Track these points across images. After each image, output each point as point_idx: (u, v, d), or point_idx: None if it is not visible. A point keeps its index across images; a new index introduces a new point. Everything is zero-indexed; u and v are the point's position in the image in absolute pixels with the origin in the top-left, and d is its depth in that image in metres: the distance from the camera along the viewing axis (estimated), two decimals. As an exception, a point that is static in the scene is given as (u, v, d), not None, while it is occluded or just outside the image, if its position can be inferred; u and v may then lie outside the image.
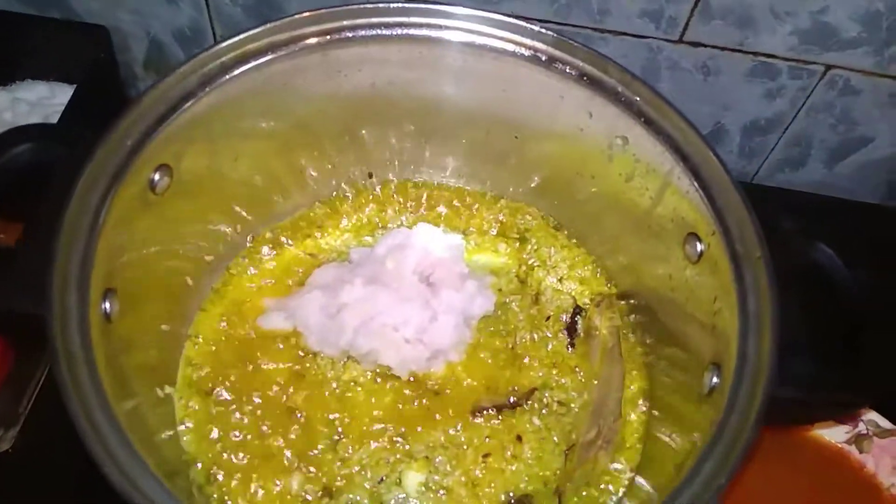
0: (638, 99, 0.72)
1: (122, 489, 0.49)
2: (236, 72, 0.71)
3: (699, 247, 0.69)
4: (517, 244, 0.88)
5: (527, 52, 0.75)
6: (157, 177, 0.67)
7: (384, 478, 0.72)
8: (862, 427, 0.87)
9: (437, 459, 0.73)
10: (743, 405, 0.57)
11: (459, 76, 0.79)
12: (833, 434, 0.88)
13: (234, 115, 0.73)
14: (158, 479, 0.52)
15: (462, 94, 0.82)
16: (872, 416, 0.87)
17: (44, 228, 0.60)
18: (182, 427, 0.73)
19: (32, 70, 1.12)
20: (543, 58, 0.75)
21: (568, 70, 0.74)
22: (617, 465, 0.75)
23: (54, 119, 1.06)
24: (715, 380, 0.63)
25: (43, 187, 0.65)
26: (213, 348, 0.78)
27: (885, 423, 0.86)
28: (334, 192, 0.90)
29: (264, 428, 0.74)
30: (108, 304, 0.60)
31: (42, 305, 0.54)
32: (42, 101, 1.13)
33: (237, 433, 0.74)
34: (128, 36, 1.18)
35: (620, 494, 0.73)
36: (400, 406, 0.76)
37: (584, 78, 0.74)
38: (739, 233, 0.65)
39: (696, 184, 0.68)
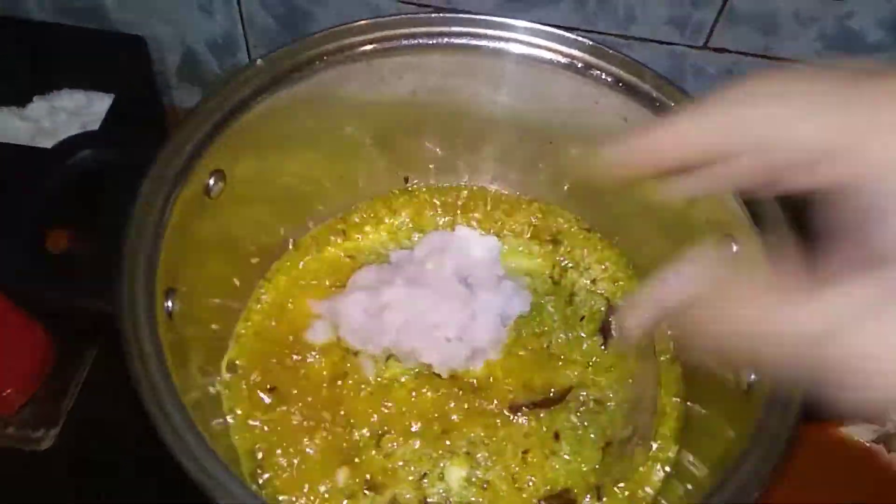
0: (673, 104, 0.74)
1: (199, 479, 0.52)
2: (285, 82, 0.73)
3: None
4: (550, 246, 0.91)
5: (563, 60, 0.77)
6: (212, 182, 0.70)
7: (427, 473, 0.74)
8: (890, 426, 0.89)
9: (479, 455, 0.76)
10: (782, 401, 0.59)
11: (496, 84, 0.82)
12: (861, 433, 0.90)
13: (282, 123, 0.76)
14: (228, 469, 0.54)
15: (498, 101, 0.84)
16: (901, 414, 0.88)
17: (101, 230, 0.63)
18: (230, 421, 0.76)
19: (70, 79, 1.15)
20: (580, 65, 0.77)
21: (603, 76, 0.77)
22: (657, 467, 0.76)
23: (92, 127, 1.10)
24: (752, 377, 0.65)
25: (96, 192, 0.68)
26: (258, 346, 0.81)
27: (914, 421, 0.88)
28: (372, 197, 0.92)
29: (308, 423, 0.76)
30: (170, 303, 0.63)
31: (106, 301, 0.57)
32: (80, 109, 1.16)
33: (282, 429, 0.76)
34: (163, 45, 1.21)
35: (656, 491, 0.75)
36: (441, 403, 0.78)
37: (620, 84, 0.76)
38: (773, 235, 0.67)
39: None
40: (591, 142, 0.83)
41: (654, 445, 0.77)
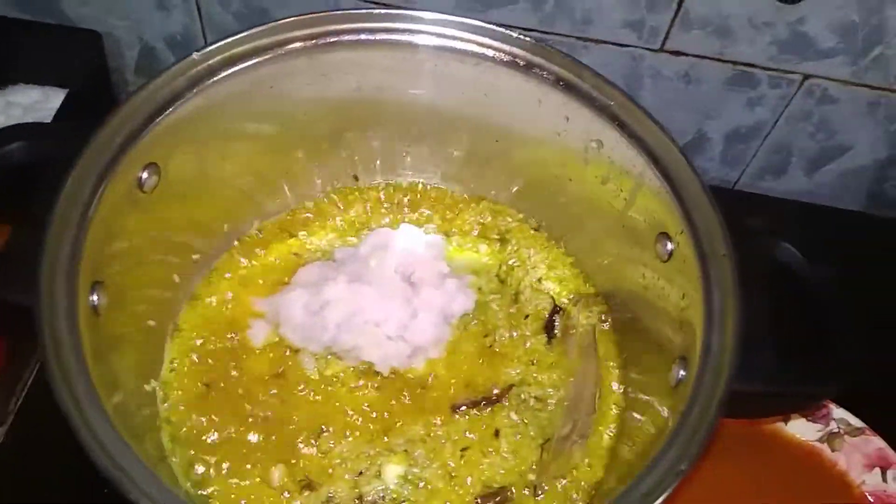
0: (612, 103, 0.75)
1: (111, 474, 0.51)
2: (223, 74, 0.73)
3: (669, 246, 0.71)
4: (498, 245, 0.90)
5: (505, 58, 0.77)
6: (145, 175, 0.70)
7: (364, 471, 0.74)
8: (833, 426, 0.89)
9: (417, 453, 0.75)
10: (705, 396, 0.59)
11: (441, 81, 0.82)
12: (805, 432, 0.90)
13: (221, 116, 0.76)
14: (146, 466, 0.53)
15: (444, 99, 0.84)
16: (843, 414, 0.89)
17: (35, 223, 0.62)
18: (163, 421, 0.75)
19: (26, 74, 1.14)
20: (522, 63, 0.77)
21: (545, 75, 0.77)
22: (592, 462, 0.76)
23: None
24: (682, 373, 0.65)
25: (34, 185, 0.67)
26: (198, 343, 0.80)
27: (855, 422, 0.88)
28: (320, 194, 0.92)
29: (245, 422, 0.76)
30: (96, 297, 0.62)
31: (32, 296, 0.56)
32: (35, 105, 1.15)
33: (218, 427, 0.75)
34: (120, 42, 1.20)
35: (592, 488, 0.75)
36: (381, 401, 0.78)
37: (561, 83, 0.76)
38: (706, 231, 0.67)
39: (666, 185, 0.70)
40: (536, 142, 0.84)
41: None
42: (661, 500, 0.54)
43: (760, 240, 0.69)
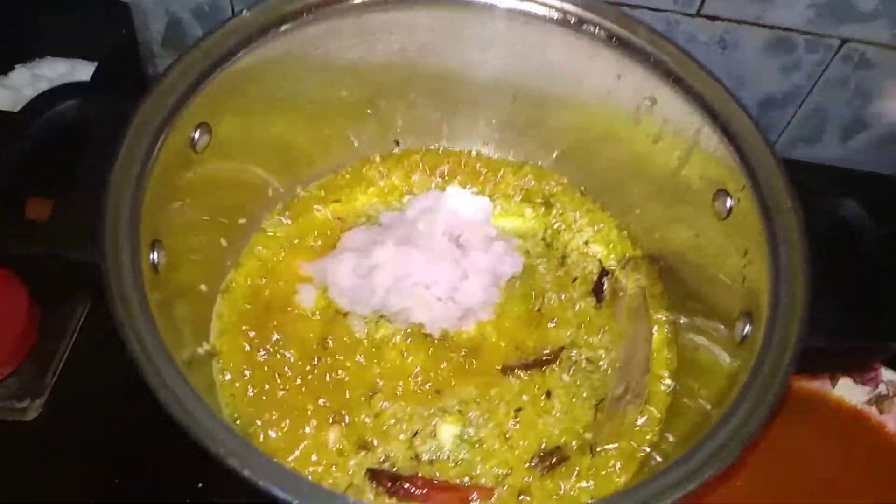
0: (667, 59, 0.73)
1: (195, 433, 0.51)
2: (273, 33, 0.72)
3: (728, 203, 0.71)
4: (543, 209, 0.90)
5: (556, 15, 0.76)
6: (197, 135, 0.69)
7: (419, 431, 0.74)
8: (882, 388, 0.89)
9: (471, 413, 0.75)
10: (776, 351, 0.59)
11: (487, 41, 0.81)
12: (853, 395, 0.90)
13: (269, 77, 0.75)
14: (221, 420, 0.53)
15: (489, 60, 0.83)
16: (892, 376, 0.88)
17: (86, 182, 0.62)
18: (219, 381, 0.75)
19: (53, 47, 1.12)
20: (572, 20, 0.76)
21: (597, 31, 0.76)
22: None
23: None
24: (748, 328, 0.64)
25: (78, 157, 0.66)
26: (248, 307, 0.79)
27: (905, 383, 0.88)
28: (363, 159, 0.91)
29: (299, 384, 0.75)
30: (155, 255, 0.62)
31: (92, 252, 0.55)
32: (63, 77, 1.13)
33: (272, 389, 0.75)
34: (147, 13, 1.18)
35: (648, 447, 0.75)
36: (432, 362, 0.77)
37: (613, 39, 0.75)
38: (769, 186, 0.66)
39: (725, 140, 0.69)
40: (584, 102, 0.83)
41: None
42: (737, 453, 0.53)
43: (822, 197, 0.68)
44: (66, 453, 0.81)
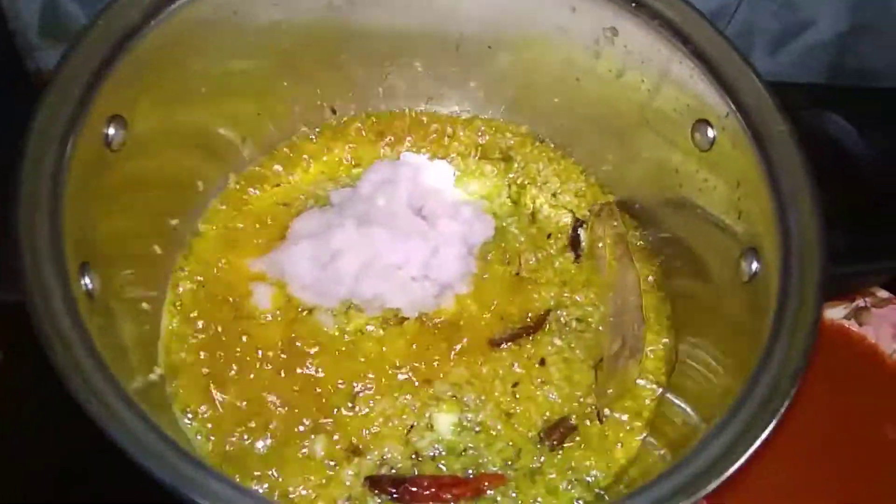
0: (624, -12, 0.67)
1: (162, 477, 0.42)
2: (179, 2, 0.61)
3: (711, 132, 0.66)
4: (502, 164, 0.83)
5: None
6: (111, 131, 0.59)
7: (413, 425, 0.67)
8: (860, 300, 0.88)
9: (466, 397, 0.69)
10: (798, 282, 0.55)
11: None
12: (831, 311, 0.88)
13: (182, 52, 0.65)
14: (200, 463, 0.44)
15: (428, 7, 0.75)
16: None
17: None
18: (180, 409, 0.66)
19: None
20: (518, -49, 0.68)
21: (546, -39, 0.68)
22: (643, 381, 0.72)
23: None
24: (755, 265, 0.60)
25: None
26: (199, 320, 0.70)
27: (882, 293, 0.87)
28: (297, 134, 0.81)
29: (272, 398, 0.67)
30: (87, 280, 0.52)
31: (16, 289, 0.45)
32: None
33: (243, 408, 0.67)
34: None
35: (654, 404, 0.71)
36: (415, 348, 0.71)
37: (567, -32, 0.68)
38: (757, 110, 0.62)
39: (701, 67, 0.64)
40: (535, 41, 0.76)
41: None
42: (786, 403, 0.49)
43: (806, 113, 0.64)
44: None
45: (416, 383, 0.69)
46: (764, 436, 0.48)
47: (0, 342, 0.76)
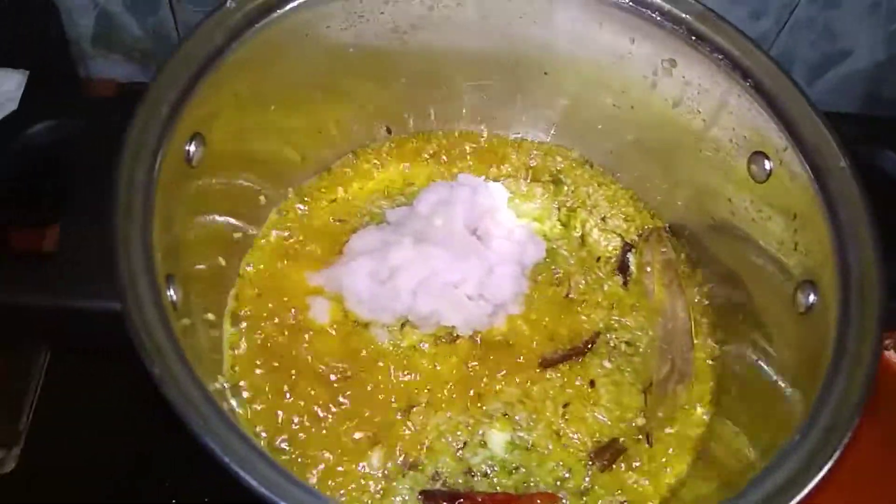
0: (686, 16, 0.69)
1: (246, 478, 0.44)
2: (260, 24, 0.64)
3: (767, 165, 0.67)
4: (552, 187, 0.85)
5: (563, -22, 0.70)
6: (192, 148, 0.61)
7: (467, 442, 0.69)
8: (900, 330, 0.88)
9: (518, 416, 0.71)
10: (857, 315, 0.56)
11: (486, 12, 0.75)
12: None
13: (258, 71, 0.67)
14: (275, 463, 0.46)
15: (487, 31, 0.77)
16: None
17: (80, 216, 0.53)
18: (243, 419, 0.68)
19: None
20: (582, -18, 0.71)
21: (608, -7, 0.70)
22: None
23: (8, 108, 0.95)
24: (812, 297, 0.61)
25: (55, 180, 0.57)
26: (259, 333, 0.72)
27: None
28: (354, 151, 0.84)
29: (330, 409, 0.69)
30: (172, 292, 0.54)
31: (112, 299, 0.47)
32: (-16, 90, 1.01)
33: (303, 421, 0.68)
34: (72, 9, 1.06)
35: (703, 428, 0.72)
36: (468, 366, 0.72)
37: (627, 1, 0.70)
38: (815, 144, 0.63)
39: (760, 99, 0.66)
40: (592, 70, 0.78)
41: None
42: (848, 435, 0.50)
43: (860, 149, 0.66)
44: (50, 500, 0.75)
45: (469, 400, 0.71)
46: (825, 469, 0.49)
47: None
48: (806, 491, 0.48)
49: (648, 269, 0.79)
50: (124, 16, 1.07)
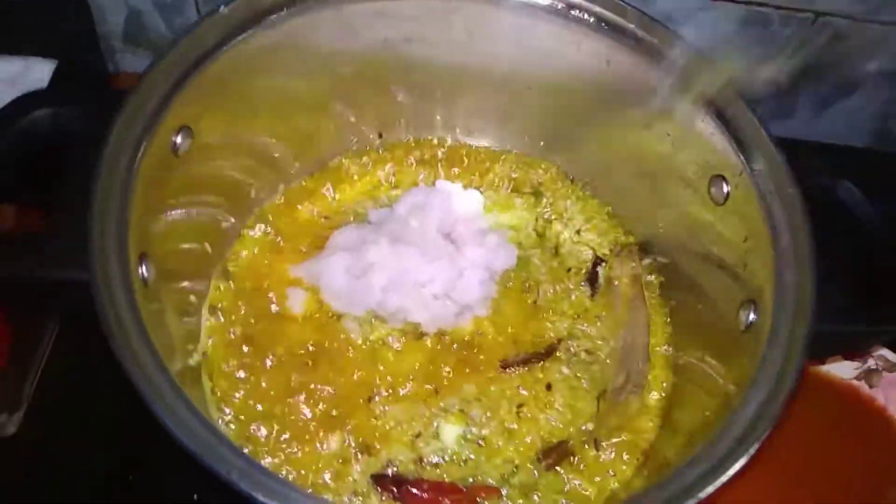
0: (657, 42, 0.72)
1: (199, 454, 0.49)
2: (252, 30, 0.69)
3: (725, 188, 0.70)
4: (532, 198, 0.88)
5: (544, 2, 0.74)
6: (179, 139, 0.66)
7: (421, 432, 0.72)
8: (871, 362, 0.90)
9: (473, 412, 0.74)
10: (785, 337, 0.58)
11: (472, 29, 0.79)
12: (842, 370, 0.90)
13: (248, 75, 0.72)
14: (226, 439, 0.51)
15: (475, 48, 0.81)
16: (882, 351, 0.89)
17: (67, 196, 0.58)
18: (209, 393, 0.72)
19: (6, 45, 1.06)
20: (560, 6, 0.74)
21: (586, 17, 0.74)
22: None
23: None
24: (752, 316, 0.64)
25: (46, 162, 0.63)
26: (237, 315, 0.77)
27: (894, 358, 0.89)
28: (345, 154, 0.88)
29: (295, 391, 0.73)
30: (144, 269, 0.59)
31: (68, 270, 0.53)
32: (17, 77, 1.07)
33: (268, 399, 0.73)
34: (104, 7, 1.13)
35: (651, 437, 0.75)
36: (430, 362, 0.76)
37: (603, 24, 0.74)
38: (768, 171, 0.66)
39: (721, 125, 0.68)
40: (571, 89, 0.82)
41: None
42: (756, 446, 0.53)
43: (819, 179, 0.68)
44: (48, 467, 0.79)
45: (428, 394, 0.74)
46: (728, 474, 0.52)
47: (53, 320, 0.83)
48: (709, 490, 0.51)
49: (616, 283, 0.82)
50: (153, 15, 1.14)
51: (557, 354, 0.78)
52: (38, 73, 1.05)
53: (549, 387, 0.77)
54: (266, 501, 0.49)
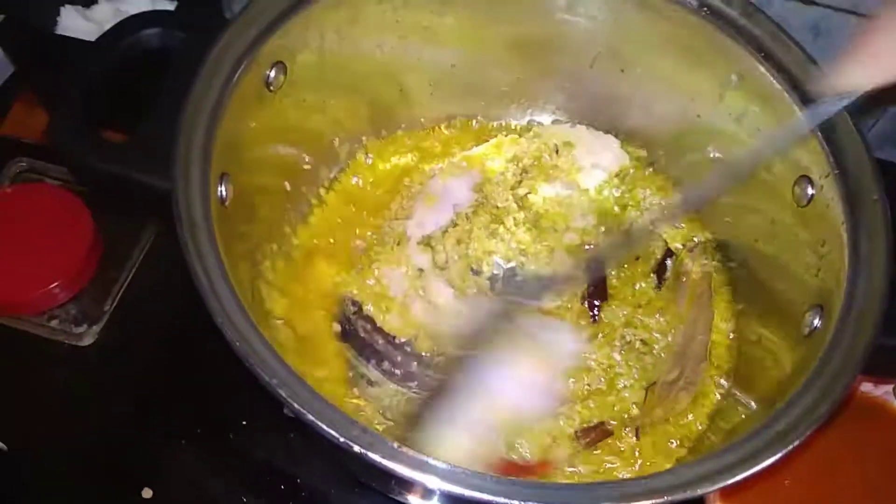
0: (759, 33, 0.70)
1: (241, 350, 0.51)
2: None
3: (810, 190, 0.67)
4: (616, 180, 0.87)
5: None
6: (272, 73, 0.69)
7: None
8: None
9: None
10: (846, 346, 0.56)
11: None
12: (868, 385, 0.85)
13: (348, 19, 0.74)
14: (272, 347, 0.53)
15: (570, 22, 0.80)
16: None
17: (164, 110, 0.62)
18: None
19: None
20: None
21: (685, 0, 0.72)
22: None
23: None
24: (817, 322, 0.62)
25: (165, 71, 0.66)
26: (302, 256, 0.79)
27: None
28: (434, 119, 0.89)
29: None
30: (223, 188, 0.62)
31: (164, 179, 0.56)
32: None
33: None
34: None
35: (695, 435, 0.73)
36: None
37: (704, 9, 0.72)
38: (856, 175, 0.63)
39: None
40: (664, 72, 0.80)
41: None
42: (797, 442, 0.51)
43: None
44: (119, 379, 0.83)
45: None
46: (760, 466, 0.50)
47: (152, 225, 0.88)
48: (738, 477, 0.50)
49: (684, 278, 0.80)
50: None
51: (611, 340, 0.77)
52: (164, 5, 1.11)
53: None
54: (311, 420, 0.50)
